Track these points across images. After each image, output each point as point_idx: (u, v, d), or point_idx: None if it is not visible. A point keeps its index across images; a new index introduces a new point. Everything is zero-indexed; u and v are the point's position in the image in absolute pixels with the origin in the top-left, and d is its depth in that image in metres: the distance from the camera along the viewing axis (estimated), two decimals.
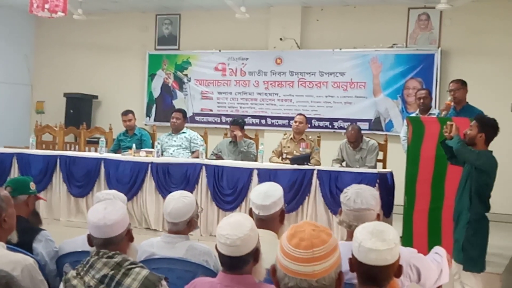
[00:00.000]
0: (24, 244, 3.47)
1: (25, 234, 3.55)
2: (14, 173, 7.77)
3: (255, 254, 2.70)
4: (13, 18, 12.03)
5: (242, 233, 2.61)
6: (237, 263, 2.65)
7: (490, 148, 5.24)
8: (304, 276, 1.80)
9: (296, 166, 6.88)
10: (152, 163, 7.33)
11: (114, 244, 2.86)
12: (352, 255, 2.30)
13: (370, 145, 7.51)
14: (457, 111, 6.33)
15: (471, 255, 5.14)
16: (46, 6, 8.18)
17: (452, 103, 6.36)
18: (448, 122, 5.24)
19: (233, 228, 2.61)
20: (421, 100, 7.11)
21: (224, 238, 2.60)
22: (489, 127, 5.27)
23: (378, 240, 2.23)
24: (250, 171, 6.93)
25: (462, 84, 6.43)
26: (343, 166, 7.38)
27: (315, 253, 1.81)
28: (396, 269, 2.29)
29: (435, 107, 7.73)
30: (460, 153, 5.16)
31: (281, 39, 10.64)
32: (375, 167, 7.30)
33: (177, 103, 11.31)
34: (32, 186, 4.13)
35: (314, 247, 1.82)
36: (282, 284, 1.85)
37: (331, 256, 1.84)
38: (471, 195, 5.16)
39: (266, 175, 6.74)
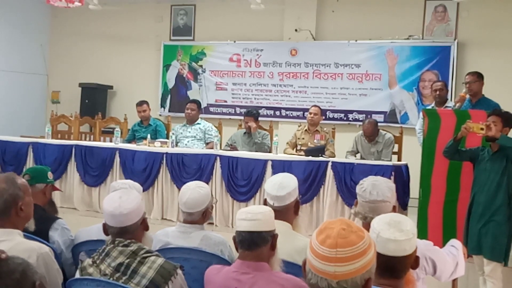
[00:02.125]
0: (41, 233, 3.48)
1: (42, 223, 3.57)
2: (30, 162, 7.82)
3: (273, 238, 2.74)
4: (29, 8, 12.07)
5: (263, 210, 2.79)
6: (256, 240, 2.72)
7: None
8: (324, 275, 1.75)
9: (310, 158, 6.87)
10: (166, 153, 7.36)
11: (129, 233, 2.88)
12: None
13: (387, 139, 7.50)
14: (472, 103, 6.31)
15: (506, 246, 5.16)
16: None
17: (468, 95, 6.35)
18: (489, 119, 5.15)
19: (254, 208, 2.81)
20: (437, 92, 7.09)
21: (245, 214, 2.74)
22: (510, 121, 5.27)
23: (396, 231, 2.24)
24: (264, 162, 6.93)
25: (478, 77, 6.40)
26: (357, 159, 7.37)
27: (338, 253, 1.75)
28: (413, 260, 2.30)
29: (451, 100, 7.69)
30: None
31: (296, 30, 10.63)
32: (390, 161, 7.28)
33: (192, 94, 11.33)
34: (50, 175, 4.16)
35: (338, 247, 1.75)
36: (307, 279, 1.82)
37: (358, 259, 1.76)
38: (509, 192, 5.16)
39: (281, 167, 6.74)
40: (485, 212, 5.21)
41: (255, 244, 2.74)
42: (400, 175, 6.39)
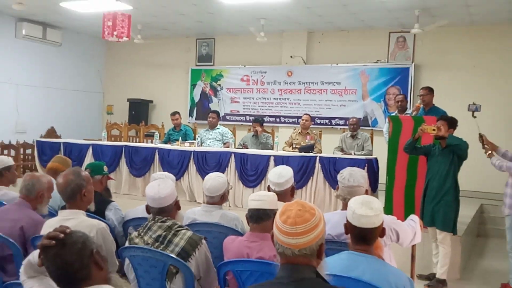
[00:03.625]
0: (99, 212, 3.52)
1: (100, 205, 3.60)
2: (89, 159, 7.83)
3: (275, 215, 2.73)
4: (89, 42, 12.12)
5: (268, 194, 2.86)
6: (262, 215, 2.75)
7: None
8: (288, 245, 1.76)
9: (303, 154, 6.86)
10: (193, 151, 7.34)
11: (166, 212, 2.89)
12: (347, 220, 2.30)
13: (364, 136, 7.57)
14: (425, 111, 6.29)
15: (453, 220, 5.18)
16: (115, 33, 8.23)
17: (421, 105, 6.34)
18: (438, 123, 5.15)
19: (261, 192, 2.89)
20: (399, 103, 7.08)
21: (255, 196, 2.80)
22: (454, 124, 5.33)
23: (367, 209, 2.25)
24: (268, 157, 6.91)
25: (429, 91, 6.38)
26: (343, 153, 7.36)
27: (297, 229, 1.75)
28: (381, 231, 2.30)
29: (409, 108, 7.67)
30: (460, 146, 5.10)
31: (291, 56, 10.63)
32: (372, 151, 7.33)
33: (213, 106, 11.32)
34: (105, 168, 4.17)
35: (297, 225, 1.76)
36: (276, 249, 1.82)
37: (312, 232, 1.76)
38: (454, 178, 5.19)
39: (280, 160, 6.72)
40: (437, 194, 5.20)
41: (261, 219, 2.75)
42: (371, 166, 6.36)
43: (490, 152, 5.18)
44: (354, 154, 7.07)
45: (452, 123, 5.28)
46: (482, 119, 5.84)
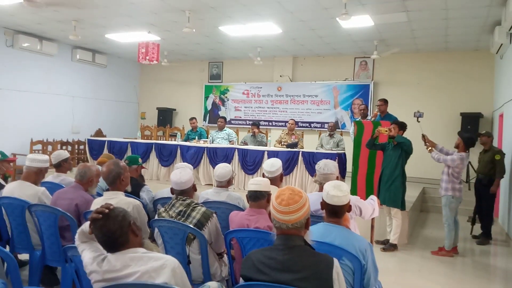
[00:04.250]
0: (135, 193, 3.51)
1: (135, 188, 3.60)
2: (128, 153, 7.82)
3: (268, 196, 2.75)
4: (128, 65, 12.05)
5: (263, 179, 2.84)
6: (258, 195, 2.74)
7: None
8: (283, 221, 1.79)
9: (289, 149, 6.86)
10: (206, 147, 7.34)
11: (185, 193, 2.88)
12: (322, 199, 2.29)
13: (338, 136, 7.55)
14: (382, 117, 6.28)
15: (402, 199, 5.20)
16: (147, 57, 8.24)
17: (378, 113, 6.34)
18: (391, 126, 5.19)
19: (258, 178, 2.84)
20: (362, 111, 7.05)
21: (253, 181, 2.79)
22: (404, 127, 5.35)
23: (338, 190, 2.24)
24: (263, 152, 6.91)
25: (385, 102, 6.37)
26: (322, 149, 7.36)
27: (290, 209, 1.78)
28: (348, 207, 2.29)
29: (370, 115, 7.66)
30: (406, 143, 5.13)
31: (280, 76, 10.58)
32: (344, 148, 7.31)
33: (221, 113, 11.25)
34: (140, 160, 4.17)
35: (290, 205, 1.78)
36: (273, 224, 1.84)
37: (301, 210, 1.79)
38: (402, 167, 5.20)
39: (272, 154, 6.72)
40: (389, 179, 5.22)
41: (258, 198, 2.74)
42: (341, 159, 6.37)
43: (430, 148, 5.19)
44: (331, 149, 7.07)
45: (402, 126, 5.30)
46: (425, 123, 5.85)
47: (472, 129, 8.35)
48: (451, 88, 9.09)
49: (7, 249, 3.30)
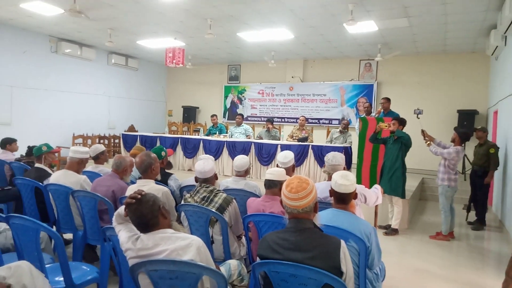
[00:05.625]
0: (163, 181, 3.54)
1: (164, 176, 3.62)
2: (157, 145, 7.90)
3: (281, 184, 2.74)
4: (156, 68, 12.13)
5: (278, 169, 2.81)
6: (273, 184, 2.73)
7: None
8: (294, 207, 1.78)
9: (300, 143, 6.83)
10: (226, 141, 7.36)
11: (208, 181, 2.89)
12: (331, 187, 2.27)
13: (348, 133, 7.39)
14: (385, 114, 6.19)
15: (402, 188, 5.13)
16: (174, 61, 8.27)
17: (382, 110, 6.25)
18: (391, 122, 5.11)
19: (273, 168, 2.80)
20: (366, 109, 6.95)
21: (270, 170, 2.77)
22: (404, 122, 5.26)
23: (345, 180, 2.22)
24: (276, 145, 6.90)
25: (387, 100, 6.26)
26: (331, 143, 7.28)
27: (299, 195, 1.77)
28: (354, 195, 2.27)
29: (373, 112, 7.56)
30: (405, 137, 5.05)
31: (292, 76, 10.50)
32: (352, 142, 7.17)
33: (239, 111, 11.24)
34: (162, 153, 4.17)
35: (298, 192, 1.78)
36: (285, 209, 1.83)
37: (309, 196, 1.78)
38: (402, 159, 5.12)
39: (285, 147, 6.71)
40: (390, 170, 5.15)
41: (271, 186, 2.73)
42: (347, 151, 6.31)
43: (429, 142, 5.09)
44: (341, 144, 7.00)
45: (402, 122, 5.22)
46: (424, 120, 5.75)
47: (468, 125, 8.16)
48: (448, 87, 8.88)
49: (54, 229, 3.39)
